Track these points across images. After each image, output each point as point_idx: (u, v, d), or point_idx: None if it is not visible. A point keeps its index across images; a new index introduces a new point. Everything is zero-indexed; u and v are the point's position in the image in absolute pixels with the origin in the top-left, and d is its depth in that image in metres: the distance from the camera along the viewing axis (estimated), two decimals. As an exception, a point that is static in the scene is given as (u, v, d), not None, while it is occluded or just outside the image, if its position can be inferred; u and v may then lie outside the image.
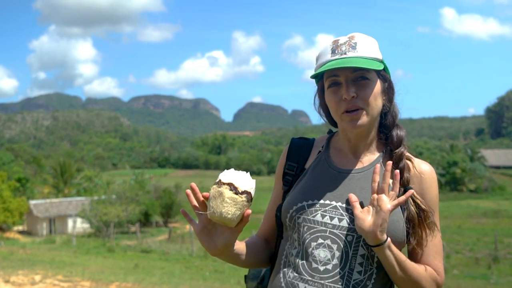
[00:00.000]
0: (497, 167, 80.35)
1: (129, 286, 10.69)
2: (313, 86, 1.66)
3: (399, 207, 1.47)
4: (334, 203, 1.51)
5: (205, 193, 1.42)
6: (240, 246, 1.56)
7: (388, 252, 1.41)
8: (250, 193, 1.38)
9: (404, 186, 1.50)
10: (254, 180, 1.41)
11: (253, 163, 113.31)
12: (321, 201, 1.52)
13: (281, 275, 1.55)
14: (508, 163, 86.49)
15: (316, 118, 1.69)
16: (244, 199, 1.36)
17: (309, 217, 1.51)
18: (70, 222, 36.98)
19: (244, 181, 1.38)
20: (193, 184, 1.43)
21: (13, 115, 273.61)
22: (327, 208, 1.50)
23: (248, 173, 1.41)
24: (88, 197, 39.24)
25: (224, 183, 1.36)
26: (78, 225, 35.16)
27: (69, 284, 10.44)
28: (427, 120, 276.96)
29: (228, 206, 1.35)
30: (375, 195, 1.41)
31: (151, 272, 13.94)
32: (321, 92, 1.60)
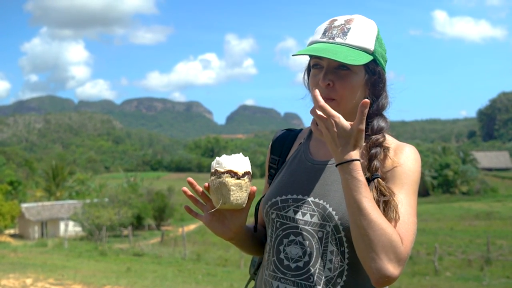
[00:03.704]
0: (489, 169, 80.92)
1: (122, 290, 10.64)
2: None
3: None
4: (306, 197, 1.47)
5: (206, 184, 1.40)
6: (245, 227, 1.56)
7: (347, 176, 1.28)
8: (249, 172, 1.39)
9: (372, 174, 1.39)
10: (247, 157, 1.41)
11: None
12: (294, 196, 1.49)
13: (261, 272, 1.55)
14: (500, 165, 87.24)
15: (309, 121, 1.65)
16: (247, 180, 1.38)
17: (281, 213, 1.49)
18: (62, 226, 36.77)
19: (240, 163, 1.38)
20: (190, 179, 1.41)
21: (5, 118, 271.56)
22: (299, 204, 1.47)
23: (240, 153, 1.41)
24: (80, 200, 38.92)
25: (222, 172, 1.36)
26: (70, 228, 34.95)
27: (60, 288, 10.38)
28: (419, 123, 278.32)
29: (235, 192, 1.36)
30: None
31: (143, 276, 13.87)
32: (309, 68, 1.54)
